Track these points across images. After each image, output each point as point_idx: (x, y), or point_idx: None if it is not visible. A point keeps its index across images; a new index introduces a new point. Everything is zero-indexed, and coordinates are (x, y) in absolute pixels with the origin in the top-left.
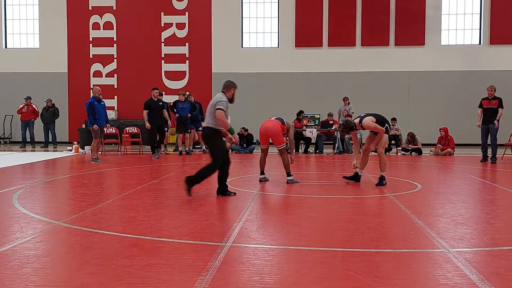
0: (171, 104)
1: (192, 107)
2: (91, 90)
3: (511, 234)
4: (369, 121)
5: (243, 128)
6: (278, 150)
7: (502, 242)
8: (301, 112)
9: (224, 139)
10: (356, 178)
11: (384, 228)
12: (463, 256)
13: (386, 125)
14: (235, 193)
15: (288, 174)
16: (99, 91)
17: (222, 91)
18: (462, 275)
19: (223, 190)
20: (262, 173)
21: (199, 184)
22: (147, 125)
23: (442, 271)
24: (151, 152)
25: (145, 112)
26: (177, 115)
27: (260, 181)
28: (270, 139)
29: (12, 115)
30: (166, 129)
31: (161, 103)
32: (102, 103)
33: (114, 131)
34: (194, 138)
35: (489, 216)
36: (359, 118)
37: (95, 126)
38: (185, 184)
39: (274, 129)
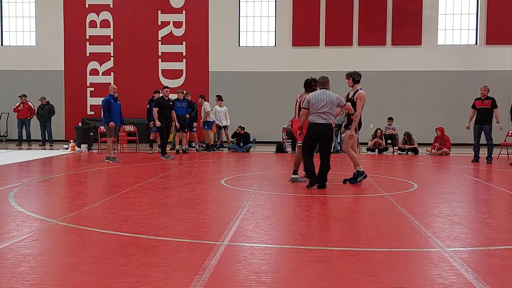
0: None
1: (190, 106)
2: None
3: (506, 233)
4: (363, 96)
5: (240, 126)
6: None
7: (497, 241)
8: None
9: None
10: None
11: (380, 228)
12: (458, 256)
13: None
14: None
15: (294, 172)
16: (115, 89)
17: (326, 88)
18: (457, 274)
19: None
20: (294, 172)
21: (199, 184)
22: (158, 123)
23: (437, 270)
24: (148, 151)
25: (155, 110)
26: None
27: (291, 181)
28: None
29: (8, 113)
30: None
31: (171, 103)
32: (118, 102)
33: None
34: (191, 137)
35: (484, 216)
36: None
37: (111, 123)
38: (321, 185)
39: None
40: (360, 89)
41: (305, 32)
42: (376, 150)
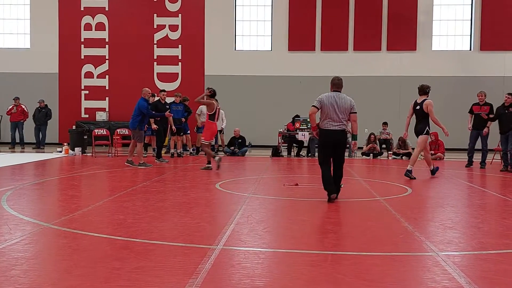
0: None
1: (186, 110)
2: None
3: (498, 238)
4: (430, 105)
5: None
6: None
7: (490, 246)
8: (296, 116)
9: None
10: (433, 171)
11: (374, 232)
12: (451, 260)
13: (427, 128)
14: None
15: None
16: (150, 93)
17: (339, 90)
18: (450, 278)
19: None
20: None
21: (193, 188)
22: (154, 126)
23: (430, 274)
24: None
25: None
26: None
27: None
28: None
29: (1, 116)
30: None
31: (167, 106)
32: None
33: (105, 132)
34: (184, 140)
35: (477, 221)
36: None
37: (167, 113)
38: (335, 195)
39: None
40: (424, 101)
41: (301, 37)
42: (371, 154)
